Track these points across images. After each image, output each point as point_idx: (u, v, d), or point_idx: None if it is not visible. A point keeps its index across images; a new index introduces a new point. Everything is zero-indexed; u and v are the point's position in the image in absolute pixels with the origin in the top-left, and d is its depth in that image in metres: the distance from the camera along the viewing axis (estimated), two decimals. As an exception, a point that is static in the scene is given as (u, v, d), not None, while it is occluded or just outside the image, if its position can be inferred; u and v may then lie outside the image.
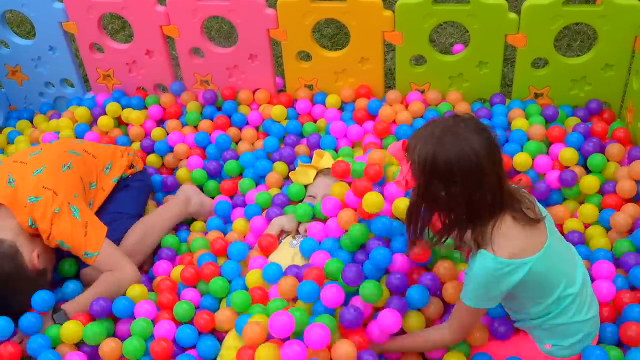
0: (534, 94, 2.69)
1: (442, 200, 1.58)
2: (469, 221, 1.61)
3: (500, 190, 1.59)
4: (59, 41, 2.94)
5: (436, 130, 1.55)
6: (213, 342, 1.98)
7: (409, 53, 2.69)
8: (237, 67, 2.85)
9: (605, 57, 2.53)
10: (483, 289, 1.66)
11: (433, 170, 1.54)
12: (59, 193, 2.14)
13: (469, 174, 1.52)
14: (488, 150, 1.54)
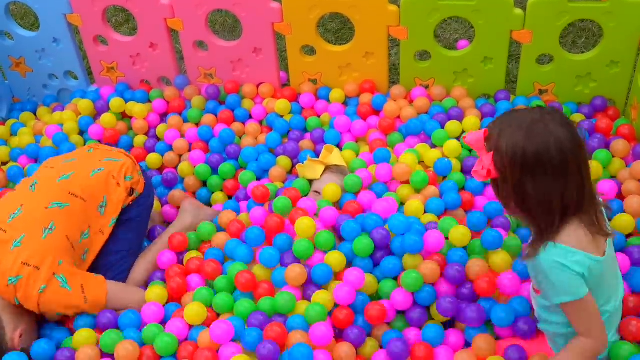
0: (538, 91, 2.68)
1: (528, 193, 1.55)
2: (554, 216, 1.57)
3: (583, 187, 1.57)
4: (63, 33, 2.93)
5: (524, 122, 1.53)
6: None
7: (414, 48, 2.68)
8: (241, 61, 2.85)
9: (610, 54, 2.53)
10: (562, 278, 1.59)
11: (523, 162, 1.52)
12: (41, 267, 1.93)
13: (557, 166, 1.51)
14: (574, 144, 1.52)
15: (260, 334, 1.91)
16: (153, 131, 2.87)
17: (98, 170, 2.15)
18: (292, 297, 2.00)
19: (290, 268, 2.03)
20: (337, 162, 2.42)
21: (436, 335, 1.91)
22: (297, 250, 2.09)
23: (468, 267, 1.98)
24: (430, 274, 1.97)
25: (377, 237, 2.07)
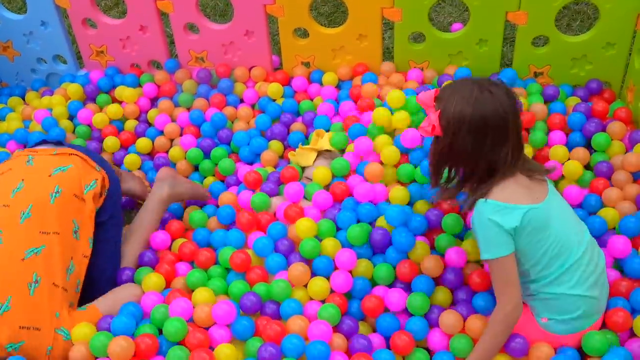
0: (533, 73, 2.65)
1: (467, 152, 1.71)
2: (487, 175, 1.73)
3: (519, 151, 1.75)
4: (51, 16, 2.88)
5: (474, 88, 1.69)
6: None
7: (408, 30, 2.65)
8: (233, 44, 2.81)
9: (606, 36, 2.50)
10: (489, 235, 1.72)
11: (469, 124, 1.68)
12: (41, 327, 1.79)
13: (499, 130, 1.69)
14: (514, 113, 1.71)
15: (252, 323, 1.90)
16: (144, 116, 2.83)
17: (56, 193, 1.91)
18: (287, 285, 1.98)
19: (294, 266, 2.01)
20: (328, 146, 2.39)
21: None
22: (303, 250, 2.05)
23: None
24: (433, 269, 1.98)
25: (377, 238, 2.05)
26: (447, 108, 1.71)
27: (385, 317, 1.92)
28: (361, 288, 1.99)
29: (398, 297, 1.93)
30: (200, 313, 1.91)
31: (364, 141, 2.29)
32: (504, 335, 1.78)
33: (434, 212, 2.11)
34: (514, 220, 1.70)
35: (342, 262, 2.01)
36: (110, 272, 2.08)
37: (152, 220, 2.25)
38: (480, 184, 1.75)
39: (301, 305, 1.95)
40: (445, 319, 1.89)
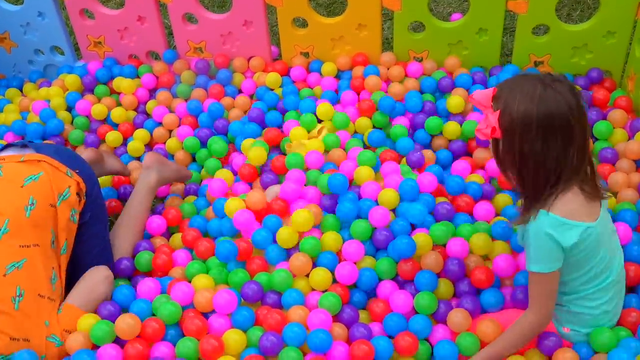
0: (534, 62, 2.64)
1: (533, 155, 1.57)
2: (552, 181, 1.60)
3: (584, 153, 1.61)
4: (48, 7, 2.86)
5: (537, 86, 1.56)
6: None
7: (408, 20, 2.63)
8: (231, 34, 2.79)
9: (607, 24, 2.49)
10: (543, 249, 1.62)
11: (535, 123, 1.54)
12: (31, 338, 1.77)
13: (565, 130, 1.55)
14: (580, 111, 1.57)
15: (252, 313, 1.89)
16: (142, 107, 2.81)
17: (31, 205, 1.85)
18: (288, 275, 1.97)
19: (295, 256, 2.00)
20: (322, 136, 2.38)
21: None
22: (304, 248, 2.04)
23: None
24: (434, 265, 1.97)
25: (380, 239, 2.04)
26: (509, 107, 1.57)
27: (392, 316, 1.89)
28: (367, 280, 1.97)
29: (404, 300, 1.90)
30: (200, 298, 1.90)
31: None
32: (526, 341, 1.74)
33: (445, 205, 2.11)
34: (572, 238, 1.61)
35: (349, 254, 1.99)
36: (102, 261, 2.06)
37: (143, 210, 2.26)
38: (546, 190, 1.61)
39: (303, 295, 1.95)
40: (453, 317, 1.86)
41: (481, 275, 1.93)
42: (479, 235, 2.00)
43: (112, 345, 1.81)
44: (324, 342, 1.78)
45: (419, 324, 1.87)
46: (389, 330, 1.87)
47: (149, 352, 1.82)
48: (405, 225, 2.04)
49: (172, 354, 1.83)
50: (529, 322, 1.70)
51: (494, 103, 1.61)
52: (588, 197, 1.63)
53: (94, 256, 2.04)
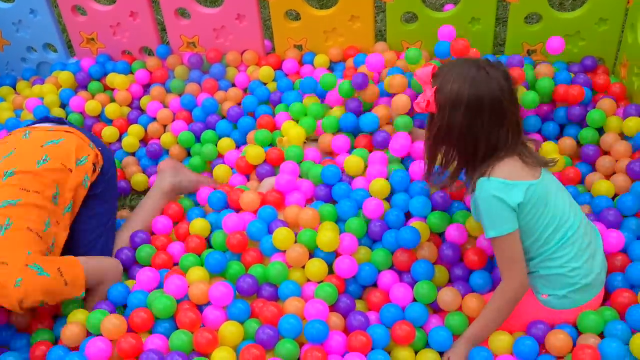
0: (527, 51, 2.64)
1: (463, 131, 1.71)
2: (487, 156, 1.73)
3: (517, 134, 1.75)
4: (39, 4, 2.85)
5: (471, 69, 1.70)
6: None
7: (400, 10, 2.63)
8: (224, 28, 2.79)
9: (599, 11, 2.49)
10: (494, 212, 1.71)
11: (465, 102, 1.68)
12: (9, 262, 1.79)
13: (495, 111, 1.69)
14: (511, 94, 1.72)
15: (248, 306, 1.89)
16: (136, 102, 2.81)
17: (43, 161, 1.97)
18: (284, 267, 1.97)
19: (292, 248, 2.00)
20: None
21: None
22: (301, 240, 2.04)
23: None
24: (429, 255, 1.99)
25: (375, 230, 2.06)
26: (444, 85, 1.71)
27: (389, 307, 1.89)
28: (366, 275, 1.97)
29: (404, 292, 1.91)
30: (195, 291, 1.90)
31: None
32: (507, 311, 1.78)
33: (440, 194, 2.11)
34: (518, 196, 1.70)
35: (344, 247, 2.00)
36: (100, 247, 2.08)
37: (152, 209, 2.26)
38: (481, 163, 1.74)
39: (299, 287, 1.95)
40: (443, 295, 1.88)
41: (474, 257, 1.95)
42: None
43: (101, 338, 1.81)
44: (320, 332, 1.78)
45: (415, 312, 1.87)
46: (385, 320, 1.87)
47: (141, 345, 1.82)
48: (400, 216, 2.05)
49: (166, 346, 1.82)
50: (503, 290, 1.76)
51: (433, 80, 1.75)
52: (528, 163, 1.74)
53: (92, 232, 2.06)
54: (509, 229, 1.71)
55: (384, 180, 2.13)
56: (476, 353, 1.77)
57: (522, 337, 1.79)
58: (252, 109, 2.59)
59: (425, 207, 2.07)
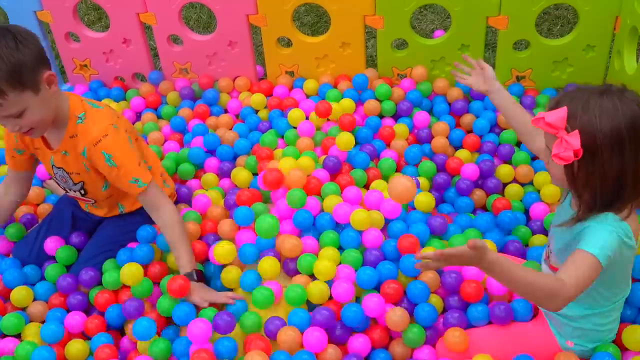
0: (516, 77, 2.68)
1: (619, 168, 1.50)
2: (629, 189, 1.54)
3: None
4: (33, 31, 2.82)
5: (612, 98, 1.49)
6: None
7: (391, 37, 2.67)
8: (216, 55, 2.81)
9: (586, 38, 2.53)
10: (609, 242, 1.53)
11: (629, 138, 1.48)
12: (120, 125, 1.98)
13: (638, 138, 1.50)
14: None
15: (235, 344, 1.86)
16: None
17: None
18: (270, 293, 1.94)
19: (286, 239, 1.99)
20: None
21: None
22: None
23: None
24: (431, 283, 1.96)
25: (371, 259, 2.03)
26: (590, 125, 1.48)
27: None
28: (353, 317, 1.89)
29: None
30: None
31: None
32: (540, 294, 1.49)
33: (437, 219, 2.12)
34: (628, 257, 1.62)
35: (339, 295, 1.94)
36: (98, 262, 2.13)
37: None
38: (618, 202, 1.56)
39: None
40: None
41: (470, 290, 1.89)
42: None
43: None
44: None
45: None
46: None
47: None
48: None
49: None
50: (557, 284, 1.49)
51: (569, 123, 1.50)
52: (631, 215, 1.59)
53: (98, 251, 2.14)
54: (604, 260, 1.52)
55: (379, 213, 2.12)
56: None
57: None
58: (244, 135, 2.60)
59: (425, 234, 2.06)
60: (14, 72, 1.76)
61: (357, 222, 2.07)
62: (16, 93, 1.78)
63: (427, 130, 2.55)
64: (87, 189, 2.11)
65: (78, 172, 2.04)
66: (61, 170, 2.06)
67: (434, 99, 2.69)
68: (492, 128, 2.57)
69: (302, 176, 2.22)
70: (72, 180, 2.08)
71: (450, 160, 2.41)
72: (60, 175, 2.09)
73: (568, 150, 1.49)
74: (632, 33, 2.35)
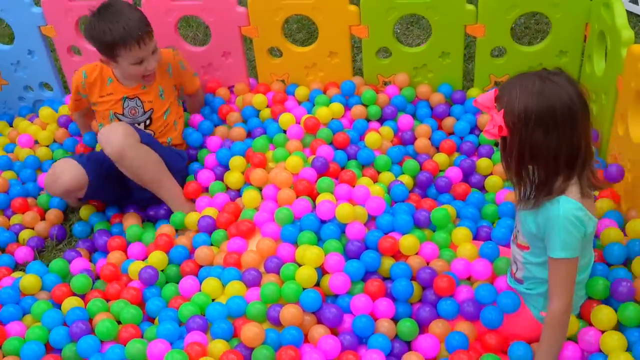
0: (494, 82, 2.82)
1: (539, 147, 1.64)
2: (561, 169, 1.67)
3: (588, 142, 1.69)
4: (37, 45, 3.03)
5: (535, 82, 1.63)
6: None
7: (375, 46, 2.82)
8: (211, 65, 2.96)
9: (559, 45, 2.68)
10: (572, 234, 1.68)
11: (536, 118, 1.61)
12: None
13: (568, 119, 1.62)
14: (582, 100, 1.65)
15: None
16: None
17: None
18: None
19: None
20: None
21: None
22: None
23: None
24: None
25: (352, 249, 2.15)
26: (511, 105, 1.64)
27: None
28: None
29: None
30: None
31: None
32: (564, 329, 1.77)
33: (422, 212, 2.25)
34: (590, 227, 1.71)
35: (331, 266, 2.09)
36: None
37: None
38: (555, 181, 1.69)
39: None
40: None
41: (443, 284, 2.00)
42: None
43: None
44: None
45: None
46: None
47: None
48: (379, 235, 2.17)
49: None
50: (557, 309, 1.72)
51: (497, 103, 1.67)
52: (585, 192, 1.72)
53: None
54: (577, 253, 1.69)
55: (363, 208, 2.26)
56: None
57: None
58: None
59: (408, 225, 2.19)
60: (148, 22, 2.50)
61: (341, 216, 2.20)
62: (151, 36, 2.51)
63: (411, 132, 2.69)
64: (152, 117, 2.63)
65: (151, 100, 2.62)
66: (135, 100, 2.61)
67: (417, 103, 2.83)
68: (472, 130, 2.71)
69: (288, 176, 2.39)
70: (144, 109, 2.62)
71: (432, 160, 2.55)
72: (132, 106, 2.61)
73: (494, 127, 1.67)
74: (600, 37, 2.50)
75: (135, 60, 2.49)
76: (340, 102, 2.78)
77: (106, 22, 2.43)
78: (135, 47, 2.45)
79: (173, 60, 2.70)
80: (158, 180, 2.48)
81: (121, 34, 2.42)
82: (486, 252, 2.09)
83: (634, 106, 2.22)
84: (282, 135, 2.65)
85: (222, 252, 2.26)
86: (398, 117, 2.75)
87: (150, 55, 2.52)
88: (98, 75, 2.62)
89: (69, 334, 2.02)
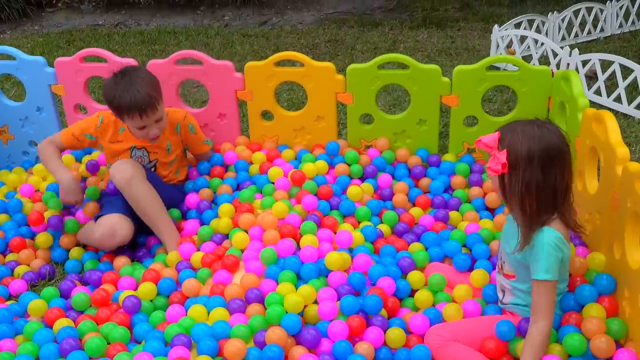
0: (467, 149, 3.07)
1: (540, 183, 1.92)
2: (555, 203, 1.96)
3: (570, 182, 2.00)
4: (46, 102, 3.25)
5: (534, 127, 1.95)
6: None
7: (359, 112, 3.08)
8: (207, 126, 3.20)
9: (525, 115, 2.91)
10: (554, 259, 1.94)
11: (538, 158, 1.91)
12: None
13: (561, 160, 1.94)
14: (567, 144, 1.98)
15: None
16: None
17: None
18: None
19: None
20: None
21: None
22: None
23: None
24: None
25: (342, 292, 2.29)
26: (514, 146, 1.93)
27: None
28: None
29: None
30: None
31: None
32: (545, 347, 1.97)
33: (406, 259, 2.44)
34: (567, 252, 1.99)
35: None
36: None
37: None
38: (544, 214, 1.96)
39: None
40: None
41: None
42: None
43: None
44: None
45: None
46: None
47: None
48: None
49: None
50: (539, 330, 1.94)
51: (500, 144, 1.97)
52: (565, 226, 2.00)
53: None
54: (554, 276, 1.95)
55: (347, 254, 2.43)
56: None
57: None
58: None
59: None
60: (160, 89, 2.75)
61: (330, 263, 2.37)
62: (160, 103, 2.72)
63: (390, 189, 2.90)
64: (157, 165, 2.88)
65: (156, 152, 2.86)
66: (142, 150, 2.84)
67: (396, 165, 3.06)
68: (445, 190, 2.92)
69: (274, 220, 2.57)
70: (149, 158, 2.86)
71: (408, 213, 2.76)
72: (139, 155, 2.85)
73: (497, 165, 1.95)
74: (560, 107, 2.78)
75: (138, 126, 2.72)
76: (325, 160, 3.00)
77: (117, 87, 2.64)
78: (137, 117, 2.67)
79: (182, 121, 2.91)
80: (156, 218, 2.66)
81: (127, 103, 2.63)
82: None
83: (589, 163, 2.46)
84: (270, 186, 2.84)
85: (208, 285, 2.39)
86: (378, 175, 2.96)
87: (153, 124, 2.73)
88: (112, 122, 2.84)
89: (59, 350, 2.11)
